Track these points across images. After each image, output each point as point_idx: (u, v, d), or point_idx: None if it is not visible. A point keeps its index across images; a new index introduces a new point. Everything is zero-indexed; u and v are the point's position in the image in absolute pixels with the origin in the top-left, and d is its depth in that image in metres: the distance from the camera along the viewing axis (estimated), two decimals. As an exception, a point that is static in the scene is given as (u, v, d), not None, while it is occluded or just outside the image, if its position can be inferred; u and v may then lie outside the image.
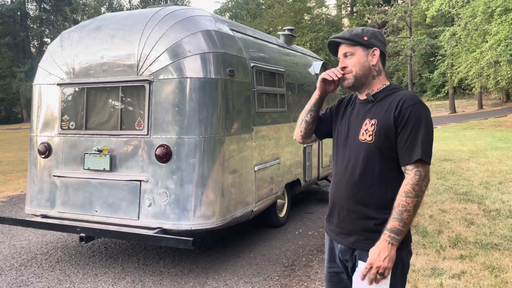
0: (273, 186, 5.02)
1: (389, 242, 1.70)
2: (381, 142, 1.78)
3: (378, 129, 1.78)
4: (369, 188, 1.81)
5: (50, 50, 4.68)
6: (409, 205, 1.69)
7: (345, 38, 1.90)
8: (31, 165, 4.58)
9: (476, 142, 13.76)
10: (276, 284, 3.80)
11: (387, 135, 1.77)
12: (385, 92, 1.87)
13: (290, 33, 6.46)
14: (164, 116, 3.96)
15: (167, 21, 4.15)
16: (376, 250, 1.71)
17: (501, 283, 3.53)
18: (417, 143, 1.72)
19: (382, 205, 1.79)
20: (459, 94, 37.96)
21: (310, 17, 35.78)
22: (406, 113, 1.75)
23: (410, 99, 1.77)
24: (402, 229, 1.70)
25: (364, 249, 1.80)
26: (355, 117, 1.92)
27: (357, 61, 1.87)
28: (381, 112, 1.81)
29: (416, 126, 1.74)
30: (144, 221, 3.93)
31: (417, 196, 1.70)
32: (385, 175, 1.80)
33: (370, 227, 1.80)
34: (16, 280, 3.98)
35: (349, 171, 1.86)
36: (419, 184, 1.70)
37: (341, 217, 1.89)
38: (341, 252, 1.90)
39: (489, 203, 6.09)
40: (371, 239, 1.77)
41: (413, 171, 1.72)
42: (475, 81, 20.43)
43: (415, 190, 1.70)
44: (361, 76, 1.88)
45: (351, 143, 1.88)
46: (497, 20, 16.30)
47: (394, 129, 1.77)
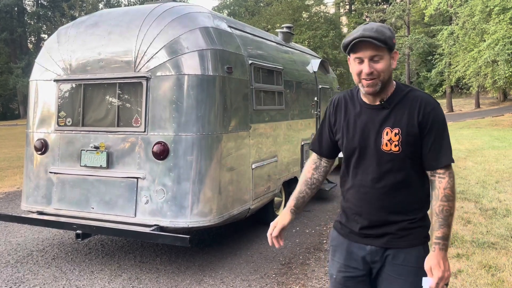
0: (270, 184, 5.01)
1: (444, 250, 1.72)
2: (409, 151, 1.74)
3: (405, 138, 1.73)
4: (400, 195, 1.78)
5: (47, 46, 4.65)
6: (452, 208, 1.73)
7: (381, 40, 1.68)
8: (28, 161, 4.55)
9: (473, 141, 13.80)
10: (273, 282, 3.80)
11: (413, 144, 1.74)
12: (398, 95, 1.78)
13: (288, 31, 6.44)
14: (162, 113, 3.95)
15: (165, 17, 4.13)
16: (439, 261, 1.70)
17: (498, 282, 3.54)
18: (443, 147, 1.74)
19: (413, 206, 1.80)
20: (457, 93, 38.03)
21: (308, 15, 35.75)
22: (429, 118, 1.73)
23: (429, 102, 1.75)
24: (450, 233, 1.74)
25: (400, 247, 1.78)
26: (368, 124, 1.79)
27: (386, 66, 1.72)
28: (402, 119, 1.74)
29: (441, 130, 1.74)
30: (141, 218, 3.92)
31: (455, 198, 1.75)
32: (414, 181, 1.79)
33: (404, 226, 1.78)
34: (12, 277, 3.96)
35: (378, 181, 1.78)
36: (454, 186, 1.75)
37: (371, 223, 1.81)
38: (371, 253, 1.82)
39: (486, 202, 6.10)
40: (406, 236, 1.78)
41: (447, 174, 1.74)
42: (473, 80, 20.47)
43: (454, 192, 1.74)
44: (386, 82, 1.75)
45: (372, 153, 1.78)
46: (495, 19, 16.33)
47: (418, 135, 1.74)
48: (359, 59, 1.73)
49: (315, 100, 6.58)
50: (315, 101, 6.58)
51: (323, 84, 7.03)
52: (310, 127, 6.37)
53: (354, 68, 1.77)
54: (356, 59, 1.74)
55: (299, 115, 5.96)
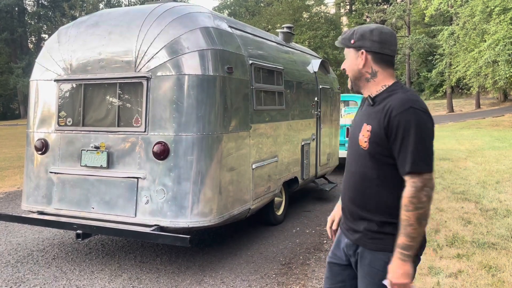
0: (270, 184, 5.01)
1: (401, 259, 1.67)
2: (375, 150, 1.75)
3: (372, 136, 1.75)
4: (368, 193, 1.79)
5: (48, 46, 4.65)
6: (410, 219, 1.65)
7: (340, 42, 1.91)
8: (28, 161, 4.56)
9: (473, 141, 13.79)
10: (273, 282, 3.80)
11: (379, 144, 1.73)
12: (383, 95, 1.79)
13: (289, 31, 6.44)
14: (162, 113, 3.95)
15: (166, 17, 4.13)
16: (393, 267, 1.69)
17: (498, 282, 3.53)
18: (407, 154, 1.66)
19: (381, 209, 1.77)
20: (457, 93, 38.03)
21: (308, 15, 35.77)
22: (394, 123, 1.68)
23: (398, 106, 1.69)
24: (410, 244, 1.66)
25: (367, 247, 1.81)
26: (359, 118, 1.89)
27: (348, 65, 1.87)
28: (376, 119, 1.75)
29: (408, 136, 1.66)
30: (141, 218, 3.92)
31: (417, 209, 1.64)
32: (382, 181, 1.76)
33: (372, 228, 1.79)
34: (12, 276, 3.96)
35: (352, 174, 1.86)
36: (416, 196, 1.64)
37: (347, 216, 1.91)
38: (346, 246, 1.92)
39: (486, 202, 6.10)
40: (375, 239, 1.78)
41: (409, 182, 1.67)
42: (473, 80, 20.47)
43: (412, 202, 1.64)
44: (354, 79, 1.88)
45: (353, 146, 1.86)
46: (496, 19, 16.33)
47: (385, 139, 1.71)
48: None
49: (316, 100, 6.58)
50: (316, 101, 6.58)
51: (324, 84, 7.03)
52: (310, 127, 6.37)
53: None
54: None
55: (299, 115, 5.96)
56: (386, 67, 1.83)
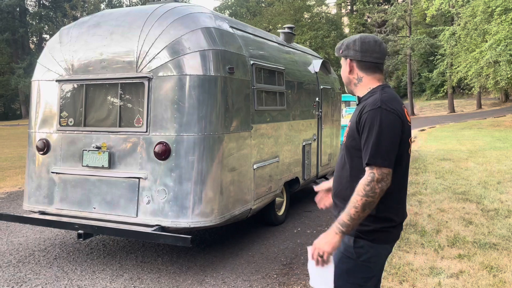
0: (272, 184, 5.01)
1: (334, 230, 1.84)
2: (350, 144, 1.96)
3: (350, 131, 1.98)
4: (344, 184, 1.99)
5: (49, 46, 4.66)
6: (357, 202, 1.80)
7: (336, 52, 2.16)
8: (30, 161, 4.56)
9: (474, 141, 13.78)
10: (274, 282, 3.80)
11: (353, 138, 1.94)
12: (366, 96, 2.00)
13: (290, 31, 6.44)
14: (163, 113, 3.95)
15: (167, 18, 4.13)
16: (323, 234, 1.87)
17: (499, 282, 3.53)
18: (369, 147, 1.84)
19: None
20: (458, 93, 38.00)
21: (310, 15, 35.77)
22: (364, 118, 1.88)
23: (370, 104, 1.89)
24: (348, 223, 1.81)
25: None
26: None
27: (342, 72, 2.11)
28: (354, 116, 1.99)
29: (370, 130, 1.85)
30: (143, 219, 3.92)
31: (366, 196, 1.79)
32: (356, 173, 1.93)
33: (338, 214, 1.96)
34: (14, 276, 3.97)
35: (336, 167, 2.11)
36: (370, 185, 1.79)
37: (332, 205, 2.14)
38: None
39: (487, 202, 6.10)
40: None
41: (368, 172, 1.83)
42: (475, 80, 20.45)
43: (365, 190, 1.80)
44: (346, 84, 2.11)
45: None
46: (497, 19, 16.31)
47: (357, 133, 1.92)
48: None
49: (317, 100, 6.58)
50: (317, 101, 6.58)
51: (325, 84, 7.03)
52: (311, 127, 6.37)
53: None
54: None
55: (300, 116, 5.97)
56: (372, 73, 2.02)
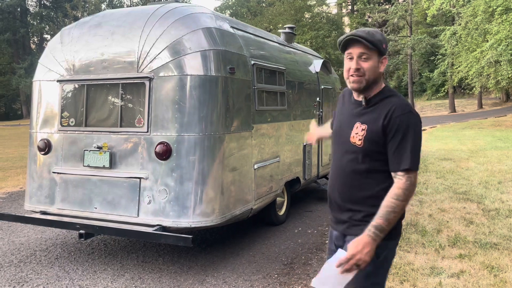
0: (272, 184, 5.02)
1: (372, 237, 1.79)
2: (369, 147, 1.89)
3: (368, 135, 1.88)
4: (357, 187, 1.94)
5: (50, 46, 4.67)
6: (397, 207, 1.80)
7: (369, 40, 1.87)
8: (31, 161, 4.57)
9: (475, 141, 13.77)
10: (275, 282, 3.81)
11: (375, 142, 1.88)
12: (379, 97, 1.93)
13: (291, 31, 6.45)
14: (164, 114, 3.96)
15: (168, 18, 4.14)
16: (360, 243, 1.79)
17: (500, 282, 3.53)
18: (406, 152, 1.82)
19: (369, 201, 1.92)
20: (459, 93, 37.96)
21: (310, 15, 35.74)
22: (395, 122, 1.84)
23: (400, 108, 1.86)
24: (386, 228, 1.80)
25: (353, 234, 1.93)
26: (347, 115, 2.02)
27: (372, 66, 1.90)
28: (372, 119, 1.90)
29: (406, 136, 1.83)
30: (144, 218, 3.93)
31: (405, 200, 1.82)
32: (372, 175, 1.91)
33: (359, 218, 1.94)
34: (15, 276, 3.98)
35: (341, 169, 1.99)
36: (409, 189, 1.82)
37: (335, 209, 2.05)
38: (336, 238, 2.08)
39: (488, 202, 6.09)
40: (358, 225, 1.93)
41: (405, 177, 1.83)
42: (475, 80, 20.43)
43: (405, 194, 1.81)
44: (371, 82, 1.92)
45: (343, 142, 1.99)
46: (498, 19, 16.29)
47: (383, 136, 1.86)
48: (350, 56, 1.92)
49: (317, 100, 6.58)
50: (317, 101, 6.58)
51: (325, 84, 7.03)
52: (312, 127, 6.37)
53: (345, 65, 1.95)
54: (347, 55, 1.93)
55: (301, 116, 5.97)
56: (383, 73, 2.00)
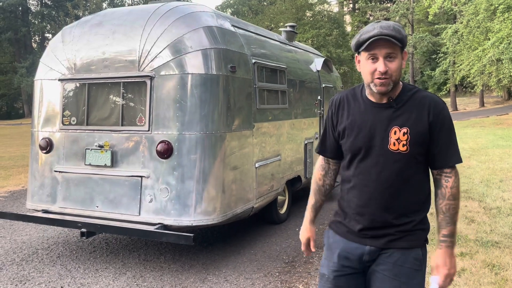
0: (274, 182, 5.02)
1: (451, 247, 1.76)
2: (415, 151, 1.73)
3: (413, 138, 1.71)
4: (404, 196, 1.76)
5: (52, 45, 4.67)
6: (457, 207, 1.78)
7: (397, 38, 1.67)
8: (33, 160, 4.58)
9: (477, 140, 13.75)
10: (276, 281, 3.81)
11: (421, 143, 1.73)
12: (405, 95, 1.77)
13: (292, 30, 6.44)
14: (166, 112, 3.96)
15: (169, 17, 4.14)
16: (445, 259, 1.76)
17: (501, 280, 3.53)
18: (453, 147, 1.77)
19: (415, 207, 1.79)
20: (461, 91, 37.88)
21: (312, 13, 35.68)
22: (439, 117, 1.74)
23: (438, 103, 1.76)
24: (456, 230, 1.78)
25: (399, 247, 1.76)
26: (373, 123, 1.76)
27: (398, 66, 1.71)
28: (411, 118, 1.72)
29: (450, 130, 1.77)
30: (145, 217, 3.94)
31: (460, 197, 1.79)
32: (417, 181, 1.78)
33: (408, 228, 1.77)
34: (17, 274, 4.00)
35: (382, 183, 1.75)
36: (459, 184, 1.78)
37: (372, 224, 1.79)
38: (370, 253, 1.80)
39: (489, 201, 6.09)
40: (406, 237, 1.77)
41: (453, 173, 1.77)
42: (477, 79, 20.37)
43: (459, 191, 1.77)
44: (397, 82, 1.73)
45: (377, 153, 1.75)
46: (500, 17, 16.24)
47: (428, 136, 1.73)
48: (373, 57, 1.70)
49: (319, 99, 6.58)
50: (319, 100, 6.58)
51: (327, 83, 7.03)
52: (313, 126, 6.37)
53: (367, 67, 1.72)
54: (370, 56, 1.70)
55: (302, 114, 5.97)
56: None
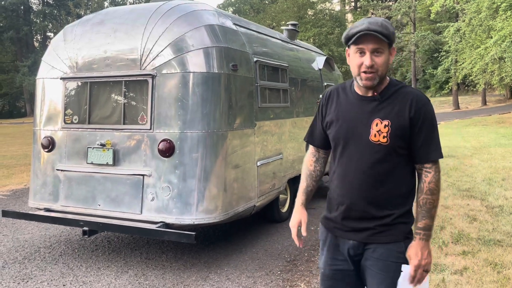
0: (275, 181, 5.02)
1: (425, 239, 1.78)
2: (395, 143, 1.77)
3: (394, 130, 1.76)
4: (384, 188, 1.79)
5: (53, 44, 4.68)
6: (435, 201, 1.79)
7: (383, 34, 1.72)
8: (35, 159, 4.59)
9: (479, 138, 13.72)
10: (278, 279, 3.81)
11: (402, 136, 1.77)
12: (390, 89, 1.82)
13: (294, 28, 6.43)
14: (167, 111, 3.96)
15: (170, 15, 4.14)
16: (417, 250, 1.77)
17: (504, 279, 3.53)
18: (434, 142, 1.79)
19: (396, 200, 1.82)
20: (463, 90, 37.78)
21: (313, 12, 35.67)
22: (421, 113, 1.77)
23: (421, 98, 1.79)
24: (432, 225, 1.80)
25: (380, 242, 1.80)
26: (358, 114, 1.82)
27: (385, 60, 1.76)
28: (393, 112, 1.77)
29: (432, 126, 1.79)
30: (147, 215, 3.94)
31: (439, 192, 1.81)
32: (397, 172, 1.81)
33: (384, 222, 1.80)
34: (20, 273, 4.01)
35: (362, 172, 1.80)
36: (439, 180, 1.80)
37: (353, 216, 1.83)
38: (353, 247, 1.85)
39: (492, 199, 6.08)
40: (387, 231, 1.80)
41: (433, 168, 1.79)
42: (479, 77, 20.32)
43: (438, 187, 1.79)
44: (383, 76, 1.79)
45: (359, 143, 1.80)
46: (502, 15, 16.19)
47: (409, 129, 1.77)
48: (361, 51, 1.75)
49: (320, 97, 6.57)
50: (320, 98, 6.57)
51: (329, 81, 7.02)
52: (315, 124, 6.37)
53: (355, 60, 1.78)
54: (358, 50, 1.76)
55: (304, 113, 5.96)
56: None
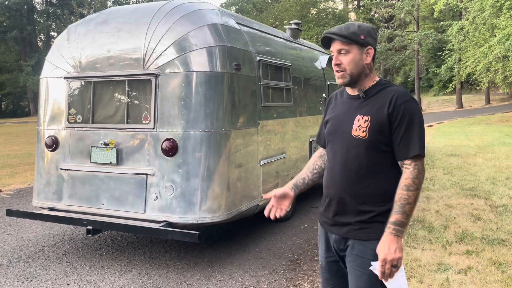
0: (278, 180, 5.02)
1: (394, 234, 1.74)
2: (375, 138, 1.83)
3: (372, 125, 1.83)
4: (364, 182, 1.85)
5: (57, 43, 4.69)
6: (410, 198, 1.76)
7: (341, 35, 1.87)
8: (39, 158, 4.61)
9: (483, 137, 13.67)
10: (281, 278, 3.81)
11: (380, 131, 1.83)
12: (376, 88, 1.91)
13: (297, 27, 6.43)
14: (170, 110, 3.97)
15: (174, 14, 4.14)
16: (385, 244, 1.75)
17: (508, 278, 3.51)
18: (413, 139, 1.80)
19: (377, 198, 1.84)
20: (466, 89, 37.66)
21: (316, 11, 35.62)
22: (400, 110, 1.81)
23: (402, 96, 1.84)
24: (405, 221, 1.76)
25: (358, 238, 1.85)
26: (345, 111, 1.95)
27: (352, 59, 1.88)
28: (374, 108, 1.86)
29: (411, 123, 1.81)
30: (150, 215, 3.95)
31: (417, 189, 1.78)
32: (379, 168, 1.85)
33: (366, 219, 1.85)
34: (24, 272, 4.02)
35: (344, 165, 1.89)
36: (418, 177, 1.78)
37: (336, 210, 1.92)
38: (335, 242, 1.95)
39: (496, 198, 6.06)
40: (365, 228, 1.84)
41: (412, 165, 1.79)
42: (483, 76, 20.24)
43: (415, 183, 1.77)
44: (355, 75, 1.89)
45: (343, 138, 1.91)
46: (506, 14, 16.12)
47: (388, 125, 1.82)
48: (332, 53, 1.93)
49: (323, 96, 6.56)
50: (324, 97, 6.56)
51: (332, 80, 7.01)
52: (318, 123, 6.36)
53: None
54: (332, 52, 1.93)
55: (307, 112, 5.96)
56: (374, 65, 1.97)
